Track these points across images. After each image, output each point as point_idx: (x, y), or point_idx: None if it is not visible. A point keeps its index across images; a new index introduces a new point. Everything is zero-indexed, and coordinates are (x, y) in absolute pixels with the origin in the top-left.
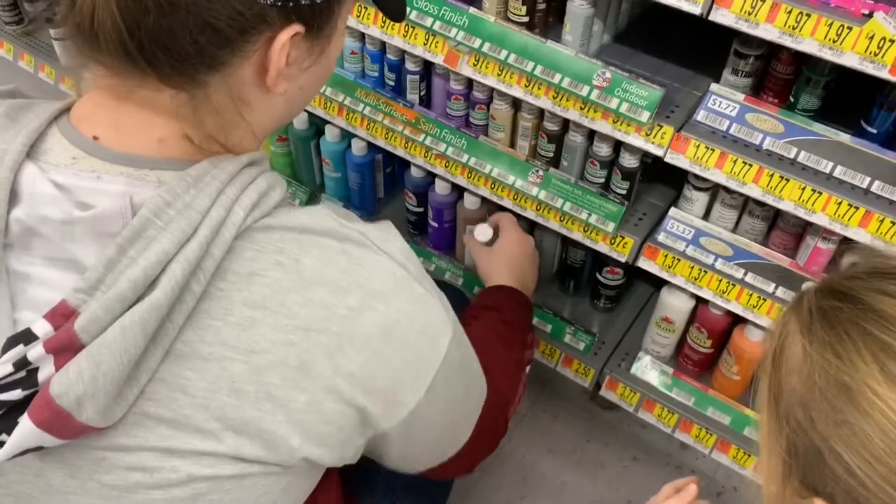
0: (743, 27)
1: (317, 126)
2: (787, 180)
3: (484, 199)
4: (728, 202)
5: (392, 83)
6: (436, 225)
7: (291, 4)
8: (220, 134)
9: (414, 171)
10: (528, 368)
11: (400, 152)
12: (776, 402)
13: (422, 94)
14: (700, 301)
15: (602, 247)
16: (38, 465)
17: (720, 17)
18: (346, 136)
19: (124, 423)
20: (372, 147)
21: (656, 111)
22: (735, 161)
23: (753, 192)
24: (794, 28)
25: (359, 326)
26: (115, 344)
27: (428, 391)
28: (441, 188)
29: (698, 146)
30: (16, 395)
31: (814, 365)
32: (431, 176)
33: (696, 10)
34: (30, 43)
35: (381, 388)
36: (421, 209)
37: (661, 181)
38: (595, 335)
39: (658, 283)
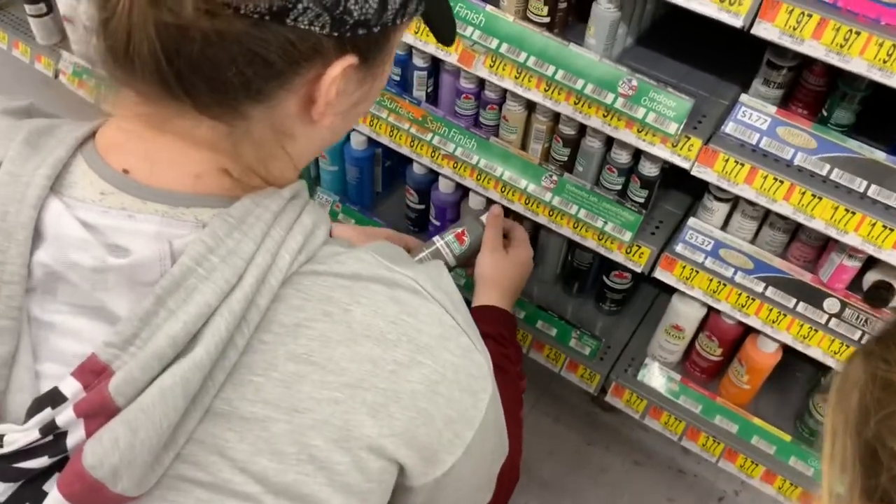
0: (787, 42)
1: None
2: (820, 199)
3: (490, 200)
4: (749, 213)
5: (397, 78)
6: (438, 223)
7: (349, 35)
8: (260, 167)
9: (416, 168)
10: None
11: (405, 151)
12: (846, 424)
13: (429, 90)
14: (712, 309)
15: (617, 256)
16: None
17: (763, 31)
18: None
19: (159, 486)
20: (371, 141)
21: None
22: (766, 177)
23: (784, 209)
24: (841, 46)
25: (406, 383)
26: (153, 408)
27: (466, 451)
28: (445, 186)
29: (727, 160)
30: (42, 462)
31: (867, 375)
32: (434, 173)
33: (738, 22)
34: (3, 18)
35: (423, 446)
36: (422, 206)
37: (677, 188)
38: (601, 340)
39: (663, 286)
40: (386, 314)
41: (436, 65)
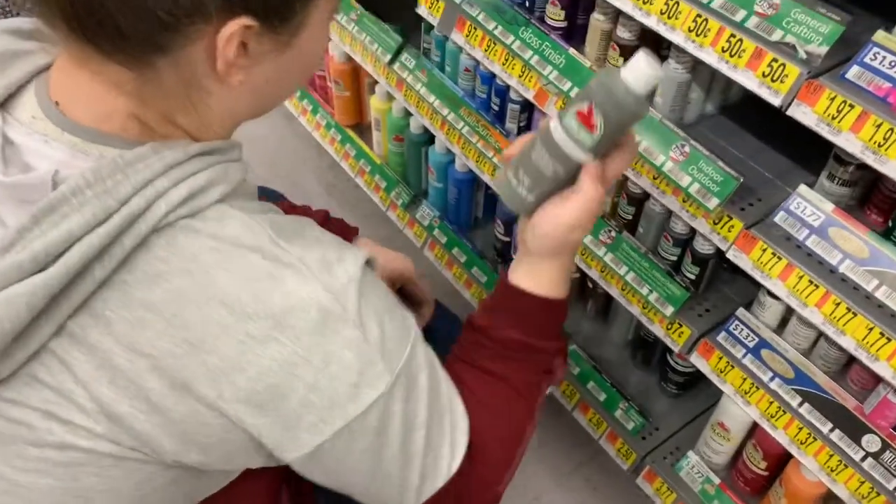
0: (823, 131)
1: (431, 133)
2: (855, 314)
3: None
4: (807, 320)
5: (496, 108)
6: None
7: None
8: (176, 116)
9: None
10: (545, 392)
11: (486, 178)
12: None
13: (521, 125)
14: None
15: (658, 329)
16: None
17: (800, 114)
18: (450, 152)
19: (16, 380)
20: None
21: (729, 200)
22: (801, 277)
23: (813, 316)
24: (880, 145)
25: (255, 356)
26: None
27: (337, 436)
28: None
29: (765, 250)
30: None
31: None
32: None
33: (776, 100)
34: None
35: (276, 422)
36: (507, 238)
37: (744, 275)
38: (648, 418)
39: None
40: (253, 288)
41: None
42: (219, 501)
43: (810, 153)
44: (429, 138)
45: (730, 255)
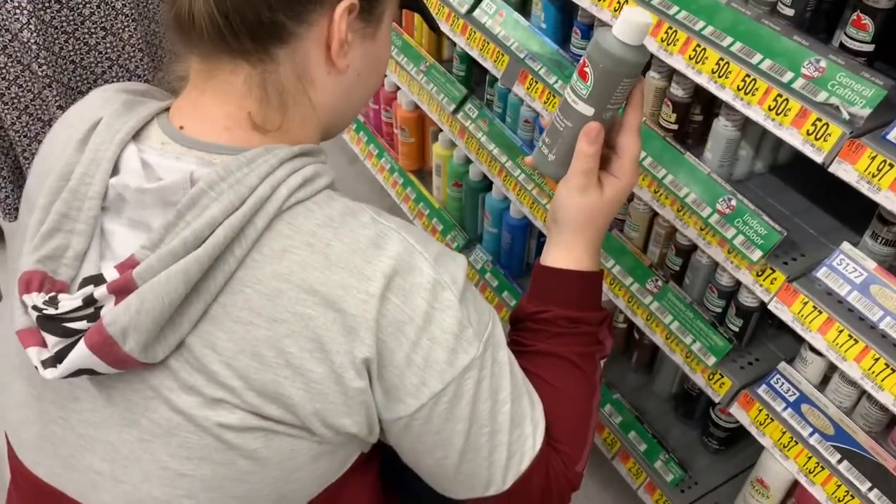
0: (864, 189)
1: (489, 181)
2: (894, 370)
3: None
4: (849, 378)
5: None
6: None
7: None
8: (281, 111)
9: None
10: (602, 362)
11: (539, 224)
12: None
13: None
14: None
15: (699, 379)
16: (105, 396)
17: (842, 171)
18: (506, 200)
19: (170, 367)
20: None
21: (773, 253)
22: (841, 331)
23: (853, 371)
24: None
25: (372, 312)
26: (158, 286)
27: (433, 400)
28: None
29: (805, 303)
30: (81, 325)
31: None
32: None
33: (819, 157)
34: None
35: (386, 379)
36: None
37: (789, 329)
38: (687, 471)
39: None
40: (365, 254)
41: None
42: (332, 495)
43: (855, 213)
44: (486, 185)
45: (771, 307)
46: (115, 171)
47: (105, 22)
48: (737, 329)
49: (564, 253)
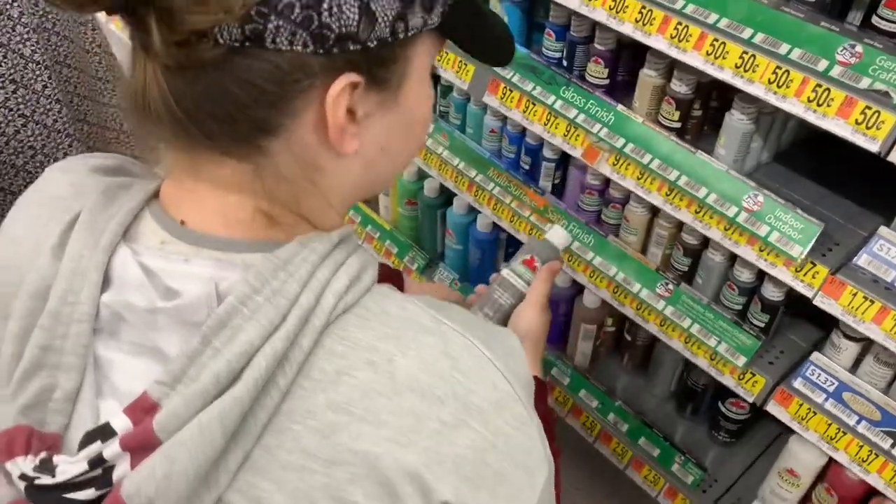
0: None
1: (447, 195)
2: None
3: (604, 301)
4: (884, 359)
5: (527, 167)
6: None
7: (338, 51)
8: (294, 205)
9: None
10: None
11: (523, 238)
12: None
13: (555, 182)
14: (833, 458)
15: (728, 380)
16: None
17: None
18: (474, 209)
19: None
20: (497, 225)
21: (811, 247)
22: None
23: None
24: None
25: (450, 445)
26: (191, 442)
27: None
28: (562, 281)
29: (855, 294)
30: (89, 494)
31: None
32: None
33: (875, 147)
34: None
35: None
36: None
37: (805, 318)
38: (706, 470)
39: (785, 424)
40: (435, 369)
41: (565, 157)
42: None
43: (872, 195)
44: (444, 201)
45: (817, 302)
46: (105, 282)
47: (14, 73)
48: (763, 324)
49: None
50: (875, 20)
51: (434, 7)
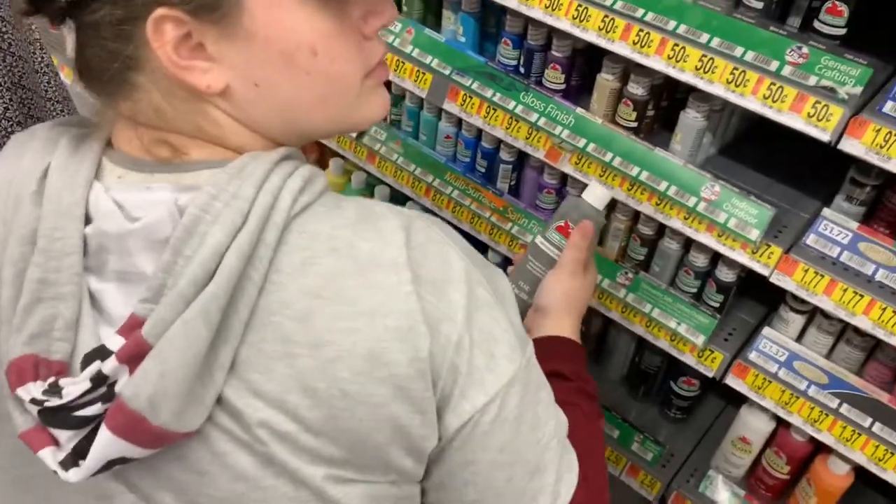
0: (873, 159)
1: (398, 200)
2: None
3: None
4: (825, 328)
5: (483, 170)
6: None
7: None
8: (195, 131)
9: (491, 257)
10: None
11: (484, 238)
12: None
13: (512, 183)
14: (780, 423)
15: (689, 359)
16: (150, 487)
17: (849, 146)
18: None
19: (214, 429)
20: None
21: (765, 230)
22: (845, 290)
23: (863, 323)
24: None
25: (422, 306)
26: (177, 338)
27: (481, 413)
28: None
29: (807, 270)
30: (96, 409)
31: None
32: (510, 262)
33: (826, 137)
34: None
35: (446, 387)
36: None
37: (752, 296)
38: (664, 446)
39: (730, 397)
40: (393, 242)
41: (521, 159)
42: None
43: (807, 179)
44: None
45: (773, 280)
46: (85, 217)
47: None
48: (718, 304)
49: (557, 331)
50: (817, 24)
51: None
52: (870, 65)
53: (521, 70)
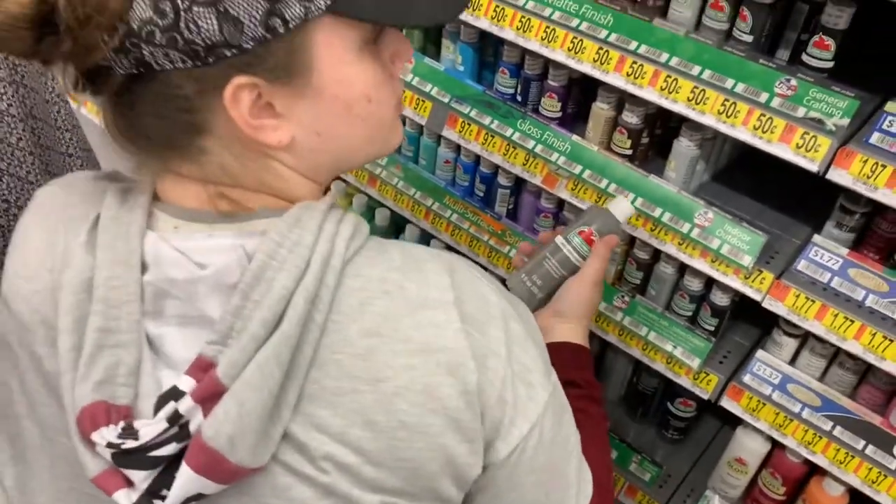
0: (861, 189)
1: (398, 224)
2: (891, 341)
3: None
4: (818, 351)
5: (481, 194)
6: None
7: (213, 60)
8: (256, 184)
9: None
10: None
11: (482, 261)
12: None
13: (510, 207)
14: (776, 445)
15: (685, 381)
16: None
17: (837, 176)
18: (426, 237)
19: (278, 465)
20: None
21: (757, 256)
22: (836, 315)
23: (854, 348)
24: None
25: (470, 342)
26: (254, 380)
27: (525, 441)
28: None
29: (798, 295)
30: (171, 448)
31: None
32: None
33: (814, 167)
34: None
35: (496, 418)
36: None
37: (746, 320)
38: (662, 467)
39: (727, 418)
40: (439, 284)
41: (518, 184)
42: None
43: (798, 206)
44: (396, 229)
45: (766, 305)
46: (141, 266)
47: None
48: (712, 328)
49: (572, 336)
50: (805, 57)
51: None
52: (857, 97)
53: (519, 98)
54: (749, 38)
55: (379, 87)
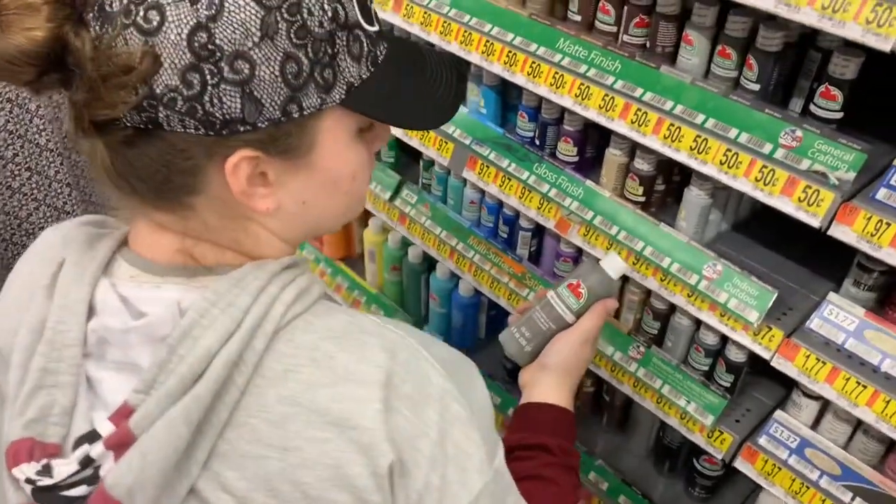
0: (865, 248)
1: (430, 262)
2: None
3: None
4: (842, 416)
5: (504, 236)
6: None
7: (226, 133)
8: (233, 244)
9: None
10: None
11: (503, 303)
12: None
13: (532, 249)
14: None
15: (698, 438)
16: None
17: (840, 233)
18: (456, 275)
19: None
20: (479, 289)
21: (767, 312)
22: (848, 379)
23: (866, 415)
24: None
25: (392, 425)
26: (160, 435)
27: None
28: None
29: (808, 356)
30: (81, 490)
31: None
32: None
33: (815, 223)
34: None
35: (422, 500)
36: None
37: (770, 376)
38: None
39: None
40: (373, 360)
41: (540, 227)
42: None
43: (822, 261)
44: (428, 266)
45: (774, 364)
46: (90, 312)
47: (29, 161)
48: (728, 384)
49: (555, 393)
50: (813, 108)
51: (334, 88)
52: (865, 150)
53: (537, 142)
54: (756, 87)
55: (363, 167)
